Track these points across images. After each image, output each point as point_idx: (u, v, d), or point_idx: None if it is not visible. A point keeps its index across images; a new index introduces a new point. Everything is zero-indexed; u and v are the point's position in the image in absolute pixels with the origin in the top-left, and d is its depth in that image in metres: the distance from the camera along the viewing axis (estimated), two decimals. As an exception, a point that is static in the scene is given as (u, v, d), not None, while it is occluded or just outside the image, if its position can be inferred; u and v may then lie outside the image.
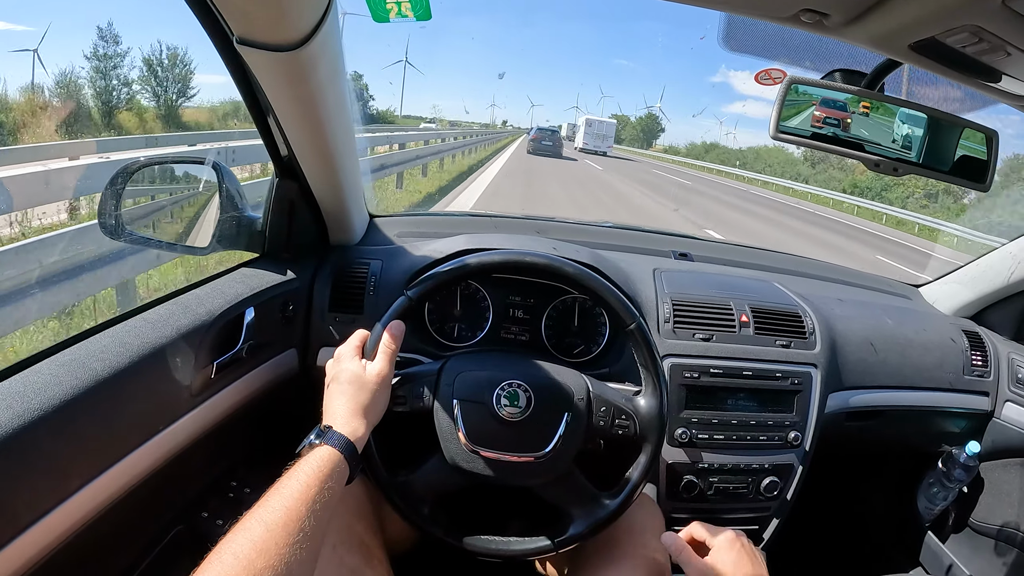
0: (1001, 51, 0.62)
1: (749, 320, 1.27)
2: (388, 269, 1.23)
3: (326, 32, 0.76)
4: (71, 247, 2.97)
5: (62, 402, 0.71)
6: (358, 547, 0.92)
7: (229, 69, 0.88)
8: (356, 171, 1.16)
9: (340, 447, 0.76)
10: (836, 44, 0.82)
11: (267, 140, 1.05)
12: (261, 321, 1.07)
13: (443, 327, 1.25)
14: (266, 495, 0.68)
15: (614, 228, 1.80)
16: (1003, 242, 1.52)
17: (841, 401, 1.32)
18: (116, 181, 1.02)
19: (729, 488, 1.21)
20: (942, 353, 1.45)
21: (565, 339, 1.26)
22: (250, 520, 0.64)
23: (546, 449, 0.88)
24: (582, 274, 0.92)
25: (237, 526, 0.64)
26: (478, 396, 0.89)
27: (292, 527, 0.64)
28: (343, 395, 0.83)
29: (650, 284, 1.31)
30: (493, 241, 1.28)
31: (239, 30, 0.74)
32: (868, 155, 0.86)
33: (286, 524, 0.64)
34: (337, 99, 0.93)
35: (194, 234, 1.16)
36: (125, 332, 0.86)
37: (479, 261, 0.93)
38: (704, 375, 1.20)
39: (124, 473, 0.80)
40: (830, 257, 2.20)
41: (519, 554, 0.93)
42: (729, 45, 0.78)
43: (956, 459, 1.47)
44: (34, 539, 0.68)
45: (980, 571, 1.52)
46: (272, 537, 0.62)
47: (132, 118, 18.88)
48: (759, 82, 0.97)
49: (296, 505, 0.66)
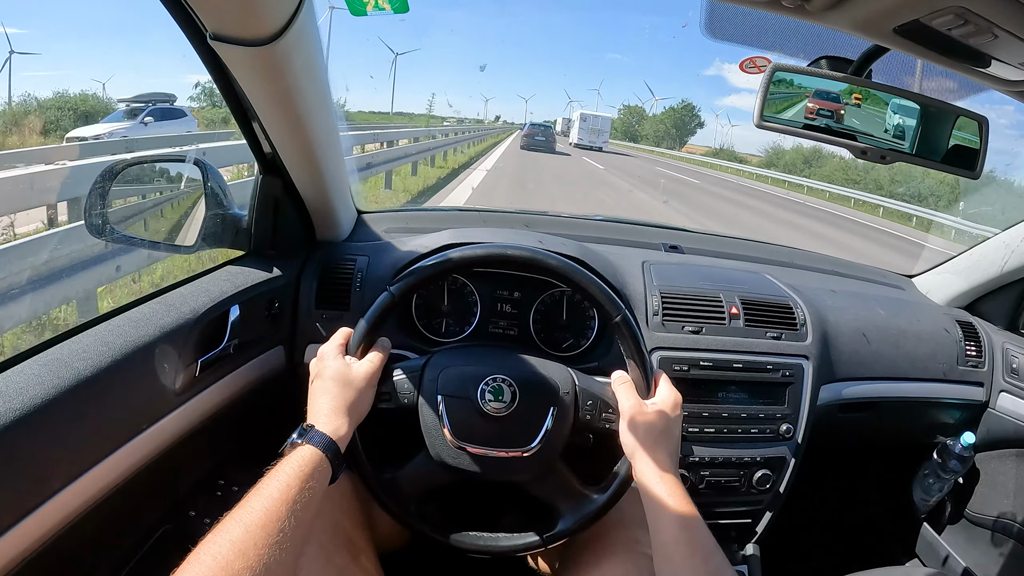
0: (988, 33, 0.61)
1: (739, 312, 1.26)
2: (374, 265, 1.23)
3: (301, 25, 0.75)
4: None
5: (44, 402, 0.71)
6: (346, 545, 0.92)
7: (207, 66, 0.87)
8: (341, 166, 1.15)
9: (322, 446, 0.75)
10: (823, 31, 0.81)
11: (249, 137, 1.05)
12: (247, 319, 1.06)
13: (431, 322, 1.24)
14: (247, 496, 0.68)
15: (603, 221, 1.79)
16: (995, 232, 1.51)
17: (834, 393, 1.31)
18: (102, 181, 1.01)
19: (721, 482, 1.21)
20: (936, 343, 1.45)
21: (554, 333, 1.25)
22: (229, 521, 0.64)
23: (532, 444, 0.88)
24: (566, 266, 0.91)
25: (217, 527, 0.64)
26: (463, 391, 0.89)
27: (271, 528, 0.64)
28: (326, 393, 0.83)
29: (638, 277, 1.30)
30: (479, 235, 1.27)
31: (212, 26, 0.73)
32: (857, 144, 0.85)
33: (265, 525, 0.64)
34: (317, 93, 0.92)
35: (180, 233, 1.16)
36: (108, 331, 0.85)
37: (461, 255, 0.92)
38: (694, 368, 1.19)
39: (108, 473, 0.80)
40: (828, 249, 2.20)
41: (507, 550, 0.93)
42: (712, 33, 0.77)
43: (951, 450, 1.46)
44: (16, 540, 0.68)
45: (976, 562, 1.52)
46: (251, 538, 0.62)
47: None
48: (744, 70, 0.95)
49: (276, 506, 0.66)
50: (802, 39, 0.85)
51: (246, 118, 1.00)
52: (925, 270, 1.75)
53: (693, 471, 1.19)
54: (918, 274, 1.77)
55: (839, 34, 0.76)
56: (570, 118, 45.67)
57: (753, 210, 14.89)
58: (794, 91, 0.84)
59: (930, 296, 1.67)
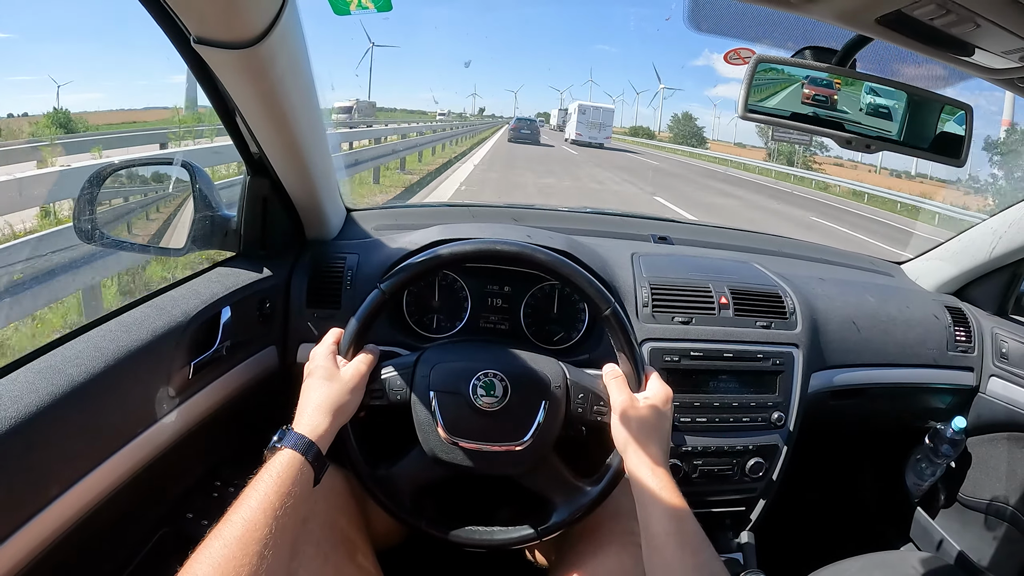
0: (970, 22, 0.61)
1: (729, 302, 1.27)
2: (365, 263, 1.23)
3: (284, 27, 0.75)
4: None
5: (39, 409, 0.71)
6: (343, 543, 0.92)
7: (192, 69, 0.87)
8: (328, 165, 1.15)
9: (300, 448, 0.76)
10: (807, 21, 0.81)
11: (236, 138, 1.05)
12: (238, 320, 1.06)
13: (422, 318, 1.24)
14: (230, 509, 0.69)
15: (592, 213, 1.80)
16: (983, 218, 1.52)
17: (825, 380, 1.32)
18: (90, 185, 1.01)
19: (714, 471, 1.21)
20: (925, 329, 1.46)
21: (545, 327, 1.26)
22: (211, 538, 0.65)
23: (525, 438, 0.88)
24: (554, 260, 0.92)
25: (201, 545, 0.65)
26: (454, 387, 0.89)
27: (252, 539, 0.65)
28: (314, 391, 0.83)
29: (628, 268, 1.31)
30: (469, 231, 1.27)
31: (195, 30, 0.73)
32: (843, 134, 0.85)
33: (243, 537, 0.65)
34: (302, 93, 0.92)
35: (169, 235, 1.16)
36: (100, 337, 0.86)
37: (451, 251, 0.92)
38: (684, 358, 1.20)
39: (105, 478, 0.80)
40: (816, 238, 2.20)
41: (503, 543, 0.94)
42: (696, 25, 0.77)
43: (943, 435, 1.48)
44: (14, 549, 0.68)
45: (970, 545, 1.53)
46: (230, 553, 0.64)
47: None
48: (728, 62, 0.96)
49: (255, 516, 0.67)
50: (786, 30, 0.85)
51: (232, 120, 0.99)
52: (913, 257, 1.76)
53: (686, 461, 1.20)
54: (907, 261, 1.78)
55: (823, 24, 0.76)
56: (567, 110, 39.42)
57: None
58: (779, 80, 0.84)
59: (919, 282, 1.68)
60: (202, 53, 0.75)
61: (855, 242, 9.71)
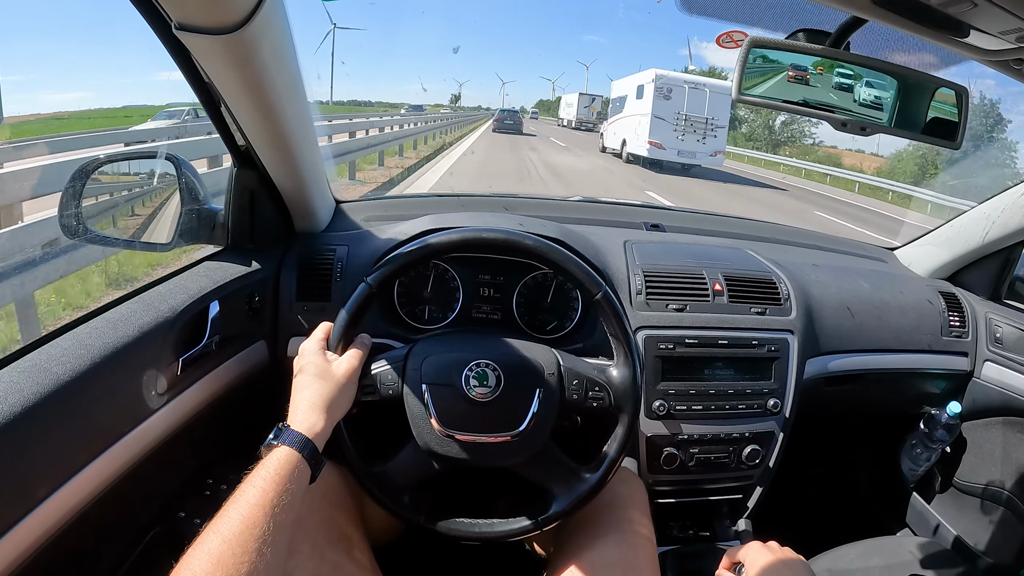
0: (967, 2, 0.61)
1: (723, 288, 1.26)
2: (354, 254, 1.21)
3: (267, 11, 0.73)
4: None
5: (24, 409, 0.69)
6: (340, 540, 0.91)
7: (174, 58, 0.85)
8: (316, 156, 1.13)
9: (297, 446, 0.74)
10: (800, 2, 0.80)
11: (222, 129, 1.03)
12: (227, 314, 1.05)
13: (413, 309, 1.23)
14: (225, 504, 0.67)
15: (584, 202, 1.79)
16: (974, 204, 1.52)
17: (819, 366, 1.32)
18: (75, 180, 0.99)
19: (710, 458, 1.21)
20: (919, 315, 1.46)
21: (538, 316, 1.25)
22: (208, 532, 0.64)
23: (520, 427, 0.87)
24: (543, 246, 0.91)
25: (197, 540, 0.63)
26: (447, 379, 0.88)
27: (250, 535, 0.64)
28: (307, 388, 0.82)
29: (621, 256, 1.30)
30: (459, 220, 1.26)
31: (177, 15, 0.71)
32: (837, 116, 0.84)
33: (242, 533, 0.64)
34: (288, 81, 0.90)
35: (155, 230, 1.13)
36: (86, 334, 0.84)
37: (438, 241, 0.91)
38: (679, 346, 1.19)
39: (95, 478, 0.79)
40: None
41: (502, 535, 0.93)
42: (688, 7, 0.76)
43: (938, 420, 1.48)
44: (2, 552, 0.66)
45: (966, 530, 1.54)
46: (229, 548, 0.62)
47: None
48: (721, 45, 0.95)
49: (253, 512, 0.65)
50: (779, 12, 0.84)
51: (218, 110, 0.97)
52: (907, 242, 1.76)
53: (682, 449, 1.20)
54: (900, 247, 1.78)
55: (817, 6, 0.75)
56: (623, 97, 20.11)
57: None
58: (772, 65, 0.83)
59: (912, 268, 1.69)
60: (184, 40, 0.74)
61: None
